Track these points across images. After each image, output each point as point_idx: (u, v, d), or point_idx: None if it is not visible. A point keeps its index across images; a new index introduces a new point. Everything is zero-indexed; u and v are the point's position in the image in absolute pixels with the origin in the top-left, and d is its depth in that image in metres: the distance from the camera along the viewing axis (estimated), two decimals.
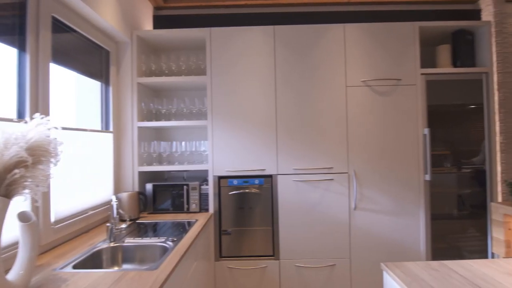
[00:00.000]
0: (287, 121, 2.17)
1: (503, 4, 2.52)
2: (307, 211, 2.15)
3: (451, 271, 1.12)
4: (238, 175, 2.18)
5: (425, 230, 2.16)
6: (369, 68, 2.21)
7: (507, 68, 2.46)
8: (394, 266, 1.16)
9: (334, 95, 2.19)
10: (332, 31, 2.21)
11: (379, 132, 2.19)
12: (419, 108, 2.20)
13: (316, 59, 2.19)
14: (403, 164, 2.18)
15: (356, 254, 2.15)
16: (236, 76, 2.19)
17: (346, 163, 2.16)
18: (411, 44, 2.23)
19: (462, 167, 2.32)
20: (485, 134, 2.26)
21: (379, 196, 2.17)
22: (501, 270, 1.12)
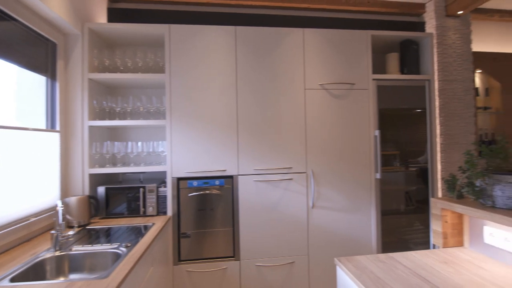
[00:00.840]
0: (248, 122, 2.18)
1: (444, 18, 2.79)
2: (267, 211, 2.18)
3: (397, 262, 1.21)
4: (198, 176, 2.14)
5: (375, 225, 2.31)
6: (326, 72, 2.30)
7: (446, 76, 2.73)
8: (346, 261, 1.22)
9: (293, 97, 2.24)
10: (292, 35, 2.27)
11: (335, 133, 2.29)
12: (371, 111, 2.35)
13: (277, 61, 2.24)
14: (356, 164, 2.31)
15: (314, 250, 2.23)
16: (197, 75, 2.14)
17: (305, 163, 2.23)
18: (364, 51, 2.37)
19: (409, 166, 2.52)
20: (427, 136, 2.48)
21: (335, 194, 2.27)
22: (439, 259, 1.23)
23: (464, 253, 1.29)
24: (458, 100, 2.71)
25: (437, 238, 1.38)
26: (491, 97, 3.07)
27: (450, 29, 2.79)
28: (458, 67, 2.75)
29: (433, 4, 2.77)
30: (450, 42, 2.77)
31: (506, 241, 1.16)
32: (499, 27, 3.27)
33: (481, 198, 1.20)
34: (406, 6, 2.83)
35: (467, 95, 2.74)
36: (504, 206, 1.12)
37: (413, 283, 1.03)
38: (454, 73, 2.73)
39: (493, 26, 3.26)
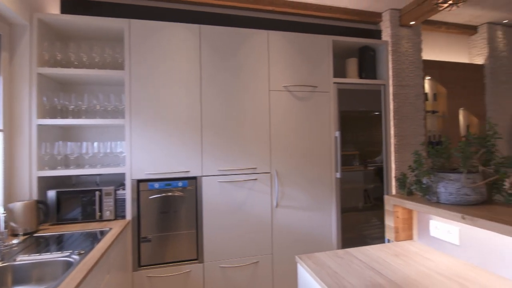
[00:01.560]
0: (212, 122, 2.16)
1: (398, 27, 2.99)
2: (232, 211, 2.17)
3: (353, 257, 1.27)
4: (160, 178, 2.06)
5: (336, 222, 2.41)
6: (289, 74, 2.35)
7: (400, 81, 2.93)
8: (306, 258, 1.26)
9: (258, 98, 2.26)
10: (257, 36, 2.29)
11: (298, 134, 2.35)
12: (332, 113, 2.45)
13: (241, 62, 2.24)
14: (319, 163, 2.39)
15: (278, 249, 2.26)
16: (159, 73, 2.07)
17: (269, 163, 2.26)
18: (326, 55, 2.46)
19: (367, 165, 2.66)
20: (382, 137, 2.64)
21: (298, 193, 2.33)
22: (391, 253, 1.31)
23: (413, 246, 1.39)
24: (410, 104, 2.92)
25: (389, 232, 1.47)
26: (438, 101, 3.36)
27: (403, 38, 2.99)
28: (410, 74, 2.96)
29: (389, 14, 2.96)
30: (403, 50, 2.97)
31: (448, 233, 1.27)
32: (446, 38, 3.59)
33: (427, 195, 1.31)
34: (364, 14, 2.99)
35: (418, 100, 2.96)
36: (447, 201, 1.22)
37: (366, 275, 1.09)
38: (406, 79, 2.94)
39: (441, 37, 3.56)
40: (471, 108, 3.40)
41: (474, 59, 3.62)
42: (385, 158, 2.64)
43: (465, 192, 1.18)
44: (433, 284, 1.01)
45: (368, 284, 1.02)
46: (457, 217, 1.08)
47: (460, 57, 3.63)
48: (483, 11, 3.17)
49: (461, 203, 1.19)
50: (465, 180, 1.18)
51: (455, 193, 1.19)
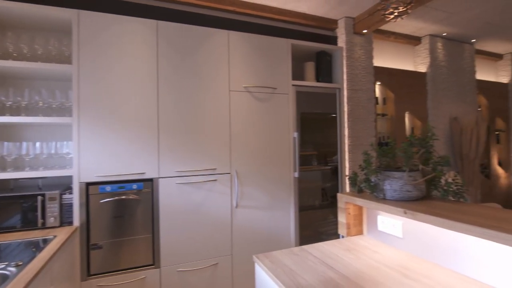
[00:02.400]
0: (170, 122, 2.09)
1: (352, 35, 3.17)
2: (190, 213, 2.12)
3: (308, 253, 1.31)
4: (112, 181, 1.94)
5: (294, 220, 2.48)
6: (250, 75, 2.37)
7: (353, 86, 3.10)
8: (264, 257, 1.27)
9: (218, 98, 2.24)
10: (217, 35, 2.27)
11: (258, 134, 2.38)
12: (290, 115, 2.51)
13: (201, 61, 2.20)
14: (278, 163, 2.44)
15: (238, 249, 2.26)
16: (112, 69, 1.96)
17: (229, 163, 2.25)
18: (285, 58, 2.52)
19: (325, 165, 2.78)
20: (337, 138, 2.78)
21: (258, 193, 2.35)
22: (343, 248, 1.38)
23: (363, 240, 1.47)
24: (362, 107, 3.11)
25: (342, 228, 1.55)
26: (387, 105, 3.62)
27: (357, 45, 3.18)
28: (362, 79, 3.16)
29: (344, 22, 3.13)
30: (356, 56, 3.16)
31: (393, 227, 1.37)
32: (394, 47, 3.88)
33: (375, 192, 1.40)
34: (322, 20, 3.12)
35: (369, 103, 3.17)
36: (392, 197, 1.32)
37: (320, 271, 1.13)
38: (359, 83, 3.12)
39: (390, 46, 3.85)
40: (415, 111, 3.72)
41: (418, 67, 3.96)
42: (339, 158, 2.78)
43: (407, 189, 1.28)
44: (379, 275, 1.09)
45: (321, 279, 1.06)
46: (400, 212, 1.17)
47: (406, 65, 3.95)
48: (426, 24, 3.49)
49: (404, 199, 1.29)
50: (407, 178, 1.29)
51: (399, 190, 1.29)
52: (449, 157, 1.35)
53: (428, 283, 1.02)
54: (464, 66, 4.13)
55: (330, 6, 2.88)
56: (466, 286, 0.99)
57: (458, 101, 4.01)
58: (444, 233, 1.14)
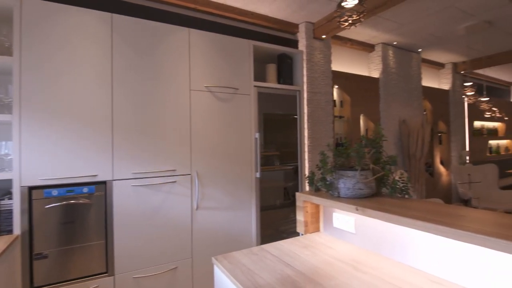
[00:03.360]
0: (126, 122, 1.99)
1: (312, 39, 3.28)
2: (148, 217, 2.04)
3: (267, 252, 1.33)
4: (60, 184, 1.80)
5: (255, 220, 2.50)
6: (211, 75, 2.34)
7: (313, 88, 3.21)
8: (222, 258, 1.27)
9: (178, 97, 2.18)
10: (178, 33, 2.21)
11: (220, 135, 2.36)
12: (252, 115, 2.53)
13: (160, 59, 2.13)
14: (240, 164, 2.44)
15: (198, 252, 2.22)
16: (60, 64, 1.81)
17: (189, 164, 2.20)
18: (247, 59, 2.53)
19: (287, 165, 2.84)
20: (298, 139, 2.86)
21: (219, 194, 2.33)
22: (300, 245, 1.42)
23: (319, 237, 1.53)
24: (321, 109, 3.23)
25: (300, 226, 1.60)
26: (344, 108, 3.81)
27: (316, 49, 3.30)
28: (321, 82, 3.29)
29: (304, 27, 3.23)
30: (316, 60, 3.28)
31: (347, 223, 1.44)
32: (351, 52, 4.10)
33: (330, 190, 1.46)
34: (283, 24, 3.19)
35: (328, 106, 3.31)
36: (345, 195, 1.39)
37: (278, 269, 1.15)
38: (318, 86, 3.25)
39: (347, 51, 4.05)
40: (369, 114, 3.97)
41: (372, 72, 4.23)
42: (299, 158, 2.86)
43: (359, 187, 1.36)
44: (333, 270, 1.14)
45: (278, 277, 1.08)
46: (352, 208, 1.23)
47: (361, 70, 4.20)
48: (378, 32, 3.74)
49: (356, 196, 1.37)
50: (359, 176, 1.36)
51: (352, 188, 1.36)
52: (396, 157, 1.45)
53: (376, 275, 1.08)
54: (412, 73, 4.49)
55: (291, 10, 2.96)
56: (410, 275, 1.07)
57: (406, 105, 4.35)
58: (391, 227, 1.22)
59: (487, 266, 0.92)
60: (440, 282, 1.01)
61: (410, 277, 1.06)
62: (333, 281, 1.05)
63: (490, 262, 0.91)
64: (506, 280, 0.87)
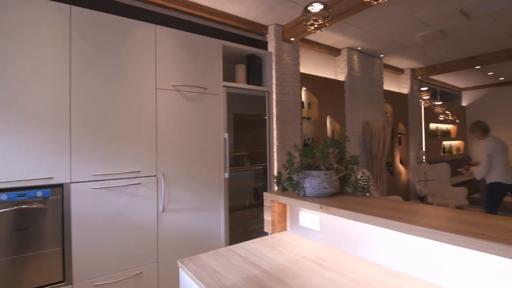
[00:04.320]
0: (85, 120, 1.88)
1: (281, 41, 3.33)
2: (110, 221, 1.94)
3: (234, 253, 1.33)
4: (9, 188, 1.65)
5: (224, 221, 2.48)
6: (179, 74, 2.29)
7: (282, 90, 3.26)
8: (188, 261, 1.24)
9: (143, 96, 2.11)
10: (144, 29, 2.13)
11: (188, 135, 2.31)
12: (221, 115, 2.51)
13: (123, 55, 2.04)
14: (208, 164, 2.41)
15: (164, 256, 2.16)
16: (9, 56, 1.66)
17: (155, 165, 2.13)
18: (216, 59, 2.51)
19: (257, 165, 2.85)
20: (267, 139, 2.89)
21: (187, 195, 2.28)
22: (267, 245, 1.44)
23: (286, 236, 1.56)
24: (289, 110, 3.30)
25: (267, 226, 1.62)
26: (311, 109, 3.92)
27: (285, 51, 3.36)
28: (290, 83, 3.35)
29: (273, 28, 3.27)
30: (285, 62, 3.33)
31: (312, 221, 1.48)
32: (318, 56, 4.23)
33: (297, 190, 1.49)
34: (253, 24, 3.21)
35: (296, 107, 3.38)
36: (311, 194, 1.43)
37: (244, 269, 1.15)
38: (287, 88, 3.31)
39: (314, 55, 4.17)
40: (335, 116, 4.12)
41: (338, 76, 4.39)
42: (268, 158, 2.89)
43: (324, 186, 1.40)
44: (298, 268, 1.16)
45: (244, 277, 1.08)
46: (317, 207, 1.27)
47: (328, 73, 4.34)
48: (344, 37, 3.89)
49: (321, 195, 1.41)
50: (324, 176, 1.41)
51: (317, 187, 1.40)
52: (358, 157, 1.52)
53: (339, 270, 1.13)
54: (374, 77, 4.74)
55: (261, 11, 2.98)
56: (370, 270, 1.13)
57: (370, 108, 4.58)
58: (353, 224, 1.28)
59: (439, 258, 0.99)
60: (397, 275, 1.07)
61: (369, 271, 1.11)
62: (298, 278, 1.07)
63: (441, 254, 0.98)
64: (455, 270, 0.95)
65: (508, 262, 0.82)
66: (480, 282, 0.88)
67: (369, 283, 1.02)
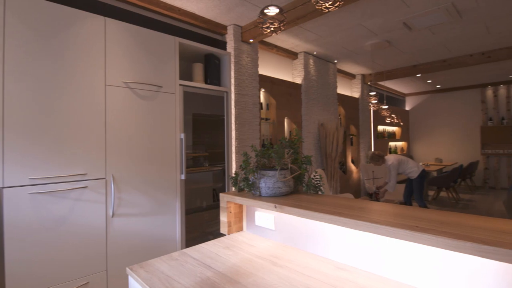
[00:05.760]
0: (22, 118, 1.69)
1: (240, 42, 3.34)
2: (51, 228, 1.77)
3: (188, 256, 1.29)
4: None
5: (180, 224, 2.41)
6: (131, 70, 2.17)
7: (241, 90, 3.27)
8: (139, 267, 1.18)
9: (91, 92, 1.96)
10: (92, 20, 1.98)
11: (141, 135, 2.20)
12: (178, 115, 2.44)
13: (69, 48, 1.88)
14: (163, 166, 2.32)
15: (114, 263, 2.03)
16: None
17: (104, 167, 2.00)
18: (172, 56, 2.43)
19: (216, 166, 2.82)
20: (225, 139, 2.87)
21: (140, 198, 2.18)
22: (223, 246, 1.43)
23: (242, 236, 1.56)
24: (248, 111, 3.32)
25: (223, 227, 1.60)
26: (270, 111, 3.99)
27: (244, 52, 3.38)
28: (249, 85, 3.37)
29: (232, 29, 3.27)
30: (244, 63, 3.35)
31: (267, 220, 1.50)
32: (277, 58, 4.32)
33: (253, 190, 1.51)
34: (212, 24, 3.17)
35: (254, 108, 3.41)
36: (266, 194, 1.45)
37: (198, 272, 1.13)
38: (246, 89, 3.33)
39: (273, 57, 4.26)
40: (292, 117, 4.24)
41: (295, 78, 4.53)
42: (227, 159, 2.88)
43: (279, 185, 1.43)
44: (252, 267, 1.17)
45: (197, 280, 1.06)
46: (271, 206, 1.29)
47: (286, 76, 4.46)
48: (301, 42, 4.03)
49: (275, 194, 1.44)
50: (279, 175, 1.44)
51: (272, 187, 1.43)
52: (311, 157, 1.58)
53: (291, 267, 1.16)
54: (329, 81, 4.98)
55: (220, 11, 2.96)
56: (320, 265, 1.18)
57: (324, 110, 4.80)
58: (305, 222, 1.32)
59: (381, 250, 1.07)
60: (345, 268, 1.14)
61: (320, 267, 1.16)
62: (251, 278, 1.08)
63: (383, 247, 1.06)
64: (396, 261, 1.03)
65: (439, 251, 0.92)
66: (417, 270, 0.97)
67: (318, 277, 1.07)
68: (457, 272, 0.89)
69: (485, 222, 0.91)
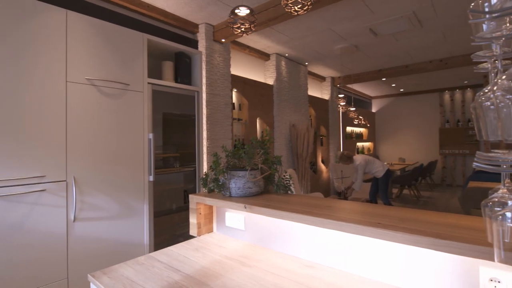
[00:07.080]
0: None
1: (212, 41, 3.30)
2: (3, 237, 1.63)
3: (155, 260, 1.25)
4: None
5: (148, 227, 2.33)
6: (95, 67, 2.07)
7: (213, 90, 3.24)
8: (101, 273, 1.13)
9: (49, 89, 1.83)
10: (52, 13, 1.86)
11: (106, 135, 2.10)
12: (146, 114, 2.36)
13: (26, 41, 1.74)
14: (130, 167, 2.23)
15: (76, 270, 1.91)
16: None
17: (64, 169, 1.88)
18: (140, 53, 2.35)
19: (188, 167, 2.76)
20: (196, 140, 2.83)
21: (105, 201, 2.07)
22: (192, 248, 1.40)
23: (212, 238, 1.54)
24: (220, 111, 3.29)
25: (193, 229, 1.58)
26: (242, 111, 3.99)
27: (216, 52, 3.34)
28: (221, 84, 3.35)
29: (204, 28, 3.22)
30: (216, 62, 3.32)
31: (238, 221, 1.50)
32: (249, 59, 4.33)
33: (223, 190, 1.49)
34: (183, 22, 3.11)
35: (227, 108, 3.39)
36: (236, 194, 1.44)
37: (165, 276, 1.10)
38: (218, 89, 3.30)
39: (245, 58, 4.26)
40: (264, 118, 4.27)
41: (267, 79, 4.57)
42: (197, 159, 2.83)
43: (249, 186, 1.43)
44: (221, 268, 1.16)
45: (164, 284, 1.03)
46: (241, 207, 1.29)
47: (258, 76, 4.49)
48: (273, 43, 4.07)
49: (246, 195, 1.44)
50: (249, 176, 1.44)
51: (242, 187, 1.43)
52: (280, 157, 1.60)
53: (260, 267, 1.16)
54: (300, 83, 5.08)
55: (191, 8, 2.91)
56: (289, 263, 1.19)
57: (296, 111, 4.89)
58: (274, 221, 1.34)
59: (346, 247, 1.11)
60: (312, 266, 1.16)
61: (288, 265, 1.17)
62: (220, 279, 1.07)
63: (348, 243, 1.10)
64: (359, 257, 1.07)
65: (400, 246, 0.97)
66: (380, 265, 1.01)
67: (285, 275, 1.08)
68: (418, 265, 0.94)
69: (441, 218, 0.97)
